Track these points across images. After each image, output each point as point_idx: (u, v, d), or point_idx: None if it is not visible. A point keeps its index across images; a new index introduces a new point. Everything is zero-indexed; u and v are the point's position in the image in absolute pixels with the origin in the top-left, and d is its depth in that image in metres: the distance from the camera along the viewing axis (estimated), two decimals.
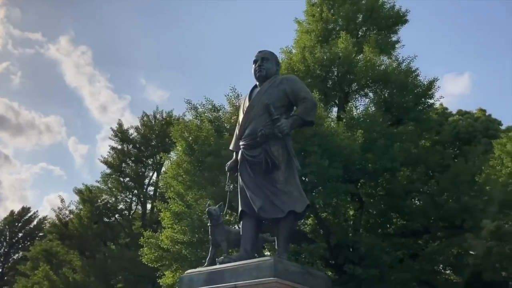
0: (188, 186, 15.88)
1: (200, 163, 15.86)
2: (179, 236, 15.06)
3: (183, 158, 16.11)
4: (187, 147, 16.02)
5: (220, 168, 15.21)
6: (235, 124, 16.40)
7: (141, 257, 16.37)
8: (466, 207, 15.85)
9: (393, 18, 21.63)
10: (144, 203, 31.43)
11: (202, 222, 14.69)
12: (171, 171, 16.58)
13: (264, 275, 5.66)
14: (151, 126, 32.66)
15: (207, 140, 15.44)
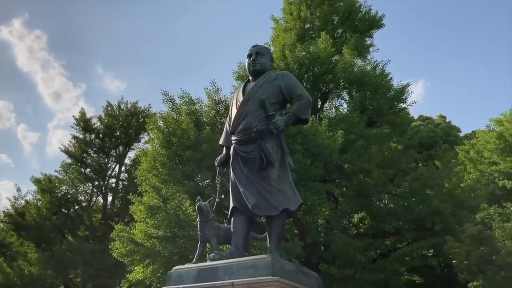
0: (164, 180, 15.52)
1: (178, 157, 15.53)
2: (153, 231, 14.68)
3: (160, 151, 15.71)
4: (164, 139, 15.64)
5: (199, 163, 14.99)
6: (215, 118, 16.34)
7: (112, 251, 15.87)
8: (437, 211, 16.29)
9: (369, 22, 21.99)
10: (106, 196, 30.57)
11: (178, 217, 14.44)
12: (145, 163, 16.14)
13: (261, 273, 5.56)
14: (115, 116, 31.79)
15: (186, 133, 15.13)
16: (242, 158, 6.36)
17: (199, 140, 14.84)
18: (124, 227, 16.24)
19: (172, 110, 16.89)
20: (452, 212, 16.48)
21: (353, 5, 21.56)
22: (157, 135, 15.98)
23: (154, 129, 16.20)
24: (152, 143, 16.28)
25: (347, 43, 19.55)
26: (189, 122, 15.26)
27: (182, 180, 15.17)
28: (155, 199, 15.03)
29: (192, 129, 15.05)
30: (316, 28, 21.53)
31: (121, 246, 15.33)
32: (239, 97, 6.70)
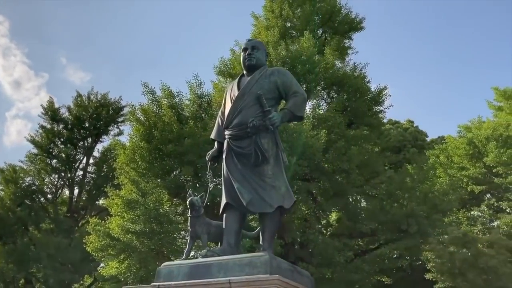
0: (143, 173, 15.15)
1: (158, 151, 15.20)
2: (130, 225, 14.32)
3: (139, 144, 15.32)
4: (145, 132, 15.27)
5: (180, 157, 14.71)
6: (197, 112, 16.07)
7: (86, 245, 15.37)
8: (412, 213, 16.56)
9: (349, 24, 22.18)
10: (72, 188, 29.70)
11: (158, 212, 14.14)
12: (123, 156, 15.72)
13: (258, 271, 5.43)
14: (85, 107, 30.95)
15: (169, 127, 14.82)
16: (236, 153, 6.22)
17: (182, 134, 14.56)
18: (99, 220, 15.73)
19: (152, 103, 16.52)
20: (426, 215, 16.81)
21: (335, 6, 21.71)
22: (136, 128, 15.57)
23: (134, 121, 15.78)
24: (131, 136, 15.85)
25: (330, 44, 19.65)
26: (172, 115, 14.94)
27: (162, 174, 14.84)
28: (133, 193, 14.64)
29: (174, 122, 14.75)
30: (297, 27, 21.55)
31: (96, 240, 14.86)
32: (233, 91, 6.56)
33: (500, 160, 21.47)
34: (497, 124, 22.56)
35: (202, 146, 14.70)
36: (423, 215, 16.68)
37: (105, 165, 29.83)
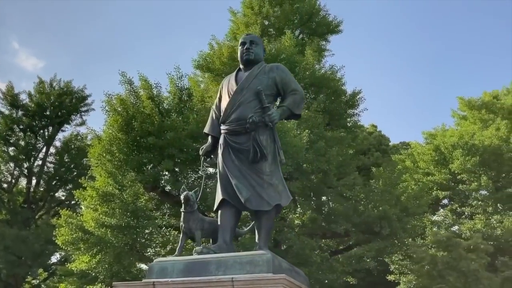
0: (119, 165, 14.66)
1: (137, 143, 14.76)
2: (106, 219, 13.81)
3: (117, 135, 14.81)
4: (123, 123, 14.77)
5: (160, 150, 14.35)
6: (178, 105, 15.69)
7: (56, 238, 14.71)
8: (385, 215, 16.86)
9: (326, 26, 22.37)
10: (30, 178, 28.43)
11: (136, 206, 13.71)
12: (99, 147, 15.15)
13: (260, 270, 5.35)
14: (47, 95, 29.71)
15: (150, 119, 14.41)
16: (233, 148, 6.13)
17: (163, 127, 14.19)
18: (71, 212, 15.08)
19: (129, 93, 16.01)
20: (398, 218, 17.15)
21: (314, 7, 21.82)
22: (114, 118, 15.03)
23: (111, 111, 15.23)
24: (107, 126, 15.27)
25: (310, 45, 19.74)
26: (153, 107, 14.53)
27: (139, 167, 14.41)
28: (110, 186, 14.12)
29: (156, 114, 14.35)
30: (276, 25, 21.53)
31: (67, 233, 14.24)
32: (231, 86, 6.47)
33: (464, 168, 22.27)
34: (463, 133, 23.38)
35: (184, 140, 14.41)
36: (395, 218, 17.02)
37: (67, 155, 28.80)
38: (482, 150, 22.31)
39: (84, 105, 30.85)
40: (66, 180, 28.47)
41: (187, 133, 14.30)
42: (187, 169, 14.77)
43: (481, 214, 21.10)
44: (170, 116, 14.51)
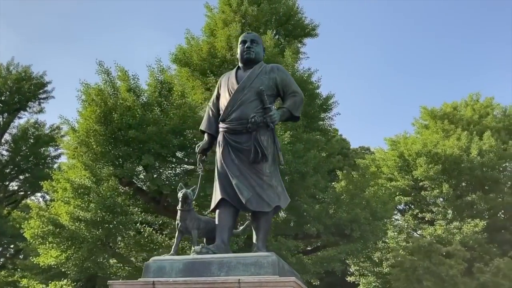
0: (95, 158, 14.14)
1: (115, 136, 14.30)
2: (81, 213, 13.30)
3: (94, 126, 14.26)
4: (102, 115, 14.25)
5: (140, 145, 13.99)
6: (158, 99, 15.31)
7: (24, 231, 14.00)
8: (356, 218, 17.19)
9: (303, 29, 22.52)
10: None
11: (114, 201, 13.28)
12: (74, 138, 14.57)
13: (265, 272, 5.28)
14: (4, 79, 28.27)
15: (130, 111, 13.99)
16: (233, 148, 6.07)
17: (145, 121, 13.82)
18: (41, 205, 14.40)
19: (106, 83, 15.46)
20: (368, 222, 17.54)
21: (293, 9, 21.89)
22: (92, 108, 14.47)
23: (89, 100, 14.65)
24: (85, 116, 14.67)
25: (289, 46, 19.80)
26: (135, 99, 14.12)
27: (118, 161, 13.97)
28: (86, 178, 13.59)
29: (138, 107, 13.94)
30: (254, 24, 21.40)
31: (37, 226, 13.58)
32: (231, 84, 6.39)
33: (427, 175, 23.10)
34: (427, 141, 24.23)
35: (165, 135, 14.10)
36: (365, 222, 17.39)
37: (23, 143, 27.50)
38: (444, 159, 23.22)
39: (43, 92, 29.58)
40: (22, 169, 27.18)
41: (170, 128, 14.00)
42: (166, 165, 14.46)
43: (441, 220, 21.95)
44: (153, 110, 14.13)
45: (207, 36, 20.36)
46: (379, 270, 22.74)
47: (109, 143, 14.19)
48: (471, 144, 23.63)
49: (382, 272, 22.63)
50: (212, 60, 18.11)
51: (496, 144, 23.57)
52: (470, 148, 23.67)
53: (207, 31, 21.44)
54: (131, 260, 14.43)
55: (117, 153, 14.03)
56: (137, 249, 14.91)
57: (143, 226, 14.11)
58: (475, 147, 23.29)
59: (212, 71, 18.48)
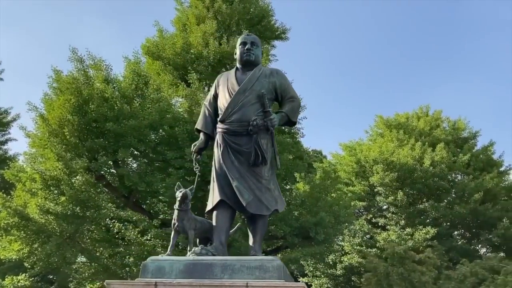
0: (67, 149, 13.54)
1: (89, 127, 13.77)
2: (52, 206, 12.70)
3: (67, 116, 13.64)
4: (77, 104, 13.65)
5: (116, 138, 13.60)
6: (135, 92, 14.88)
7: None
8: (320, 221, 17.52)
9: (273, 31, 22.62)
10: None
11: (89, 195, 12.79)
12: (44, 127, 13.86)
13: (271, 276, 5.31)
14: None
15: (109, 103, 13.52)
16: (233, 149, 6.08)
17: (123, 113, 13.40)
18: (5, 196, 13.55)
19: (78, 71, 14.82)
20: (332, 225, 17.92)
21: (265, 10, 21.93)
22: (66, 97, 13.82)
23: (63, 89, 13.99)
24: (57, 105, 13.98)
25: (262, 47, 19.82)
26: (113, 91, 13.64)
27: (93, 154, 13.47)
28: (58, 170, 12.97)
29: (118, 99, 13.49)
30: (227, 23, 21.27)
31: (3, 217, 12.81)
32: (231, 85, 6.39)
33: (383, 182, 23.94)
34: (384, 149, 25.09)
35: (143, 129, 13.76)
36: (329, 225, 17.76)
37: None
38: (398, 167, 24.15)
39: None
40: None
41: (148, 122, 13.67)
42: (142, 161, 14.09)
43: (394, 226, 22.82)
44: (132, 102, 13.72)
45: (180, 30, 19.99)
46: (332, 272, 23.34)
47: (83, 134, 13.64)
48: (425, 155, 24.72)
49: (334, 274, 23.28)
50: (186, 55, 17.84)
51: (447, 156, 24.79)
52: (423, 158, 24.76)
53: (179, 25, 21.08)
54: (97, 256, 13.94)
55: (92, 145, 13.49)
56: (105, 245, 14.44)
57: (113, 222, 13.66)
58: (428, 157, 24.39)
59: (185, 66, 18.23)
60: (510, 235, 22.14)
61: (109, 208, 13.11)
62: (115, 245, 14.28)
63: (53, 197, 12.93)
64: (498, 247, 22.12)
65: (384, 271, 14.09)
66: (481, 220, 22.83)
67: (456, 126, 29.02)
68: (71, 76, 14.33)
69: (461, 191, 24.04)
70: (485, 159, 26.81)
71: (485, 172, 25.53)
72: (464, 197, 23.65)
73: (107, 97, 13.66)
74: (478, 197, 22.74)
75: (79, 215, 13.05)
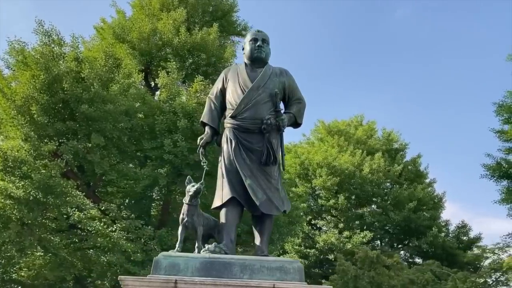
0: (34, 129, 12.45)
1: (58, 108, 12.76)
2: (14, 190, 11.60)
3: (35, 94, 12.51)
4: (46, 82, 12.56)
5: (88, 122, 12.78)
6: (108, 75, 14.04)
7: None
8: (275, 221, 17.68)
9: (236, 27, 22.42)
10: None
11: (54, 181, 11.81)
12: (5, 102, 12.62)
13: (292, 278, 5.35)
14: None
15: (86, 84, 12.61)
16: (244, 146, 6.01)
17: (100, 97, 12.57)
18: None
19: (43, 45, 13.66)
20: (285, 225, 18.14)
21: (230, 5, 21.69)
22: (32, 73, 12.66)
23: (31, 63, 12.80)
24: (20, 80, 12.76)
25: (227, 42, 19.57)
26: (91, 71, 12.72)
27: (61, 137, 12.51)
28: (24, 151, 11.85)
29: (94, 80, 12.61)
30: (191, 13, 20.70)
31: None
32: (243, 80, 6.29)
33: (325, 185, 24.67)
34: (327, 154, 25.89)
35: (119, 116, 13.01)
36: (283, 224, 17.95)
37: None
38: (340, 172, 25.03)
39: None
40: None
41: (125, 108, 12.96)
42: (111, 149, 13.27)
43: (334, 228, 23.66)
44: (110, 85, 12.88)
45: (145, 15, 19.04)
46: None
47: (51, 115, 12.59)
48: (364, 162, 25.85)
49: None
50: (157, 43, 17.15)
51: (384, 165, 26.13)
52: (362, 165, 25.88)
53: (137, 8, 20.06)
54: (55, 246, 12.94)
55: (61, 128, 12.49)
56: (62, 235, 13.48)
57: (73, 210, 12.72)
58: (368, 165, 25.54)
59: (151, 53, 17.50)
60: (437, 243, 23.81)
61: (78, 196, 12.17)
62: (75, 236, 13.41)
63: (14, 180, 11.79)
64: (426, 253, 23.71)
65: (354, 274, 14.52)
66: (413, 227, 24.31)
67: (390, 137, 30.62)
68: (39, 51, 13.14)
69: (394, 199, 25.42)
70: (414, 170, 28.59)
71: (415, 182, 27.22)
72: (399, 205, 25.04)
73: (83, 77, 12.71)
74: (412, 205, 24.20)
75: (40, 201, 12.03)
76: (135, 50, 17.16)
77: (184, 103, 13.33)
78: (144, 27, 17.36)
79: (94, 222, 12.58)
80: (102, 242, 12.51)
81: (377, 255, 15.27)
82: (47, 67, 12.75)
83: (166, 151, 12.71)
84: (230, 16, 22.03)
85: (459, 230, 26.22)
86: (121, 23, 17.63)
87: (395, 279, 14.73)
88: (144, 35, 17.21)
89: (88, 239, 13.12)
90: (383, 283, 14.49)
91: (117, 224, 12.94)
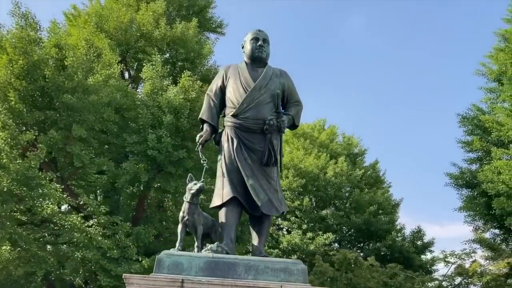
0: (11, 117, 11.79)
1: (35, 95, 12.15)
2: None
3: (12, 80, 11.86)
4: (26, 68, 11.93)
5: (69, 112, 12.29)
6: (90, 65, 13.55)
7: None
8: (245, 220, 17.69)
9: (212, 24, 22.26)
10: None
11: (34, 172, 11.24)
12: None
13: (296, 279, 5.40)
14: None
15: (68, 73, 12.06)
16: (245, 146, 5.99)
17: (84, 86, 12.08)
18: None
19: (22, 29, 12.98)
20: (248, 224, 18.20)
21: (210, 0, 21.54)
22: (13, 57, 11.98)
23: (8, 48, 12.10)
24: None
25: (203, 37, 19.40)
26: (75, 59, 12.18)
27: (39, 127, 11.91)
28: (0, 139, 11.16)
29: (78, 68, 12.08)
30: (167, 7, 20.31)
31: None
32: (244, 79, 6.30)
33: (290, 186, 24.85)
34: (294, 156, 26.09)
35: (101, 108, 12.54)
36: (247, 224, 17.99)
37: None
38: (305, 174, 25.29)
39: None
40: None
41: (108, 100, 12.51)
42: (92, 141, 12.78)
43: (297, 229, 23.87)
44: (94, 75, 12.37)
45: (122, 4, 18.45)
46: None
47: (31, 103, 11.96)
48: (328, 165, 26.25)
49: None
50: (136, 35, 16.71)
51: (347, 169, 26.65)
52: (326, 168, 26.26)
53: None
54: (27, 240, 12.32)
55: (40, 117, 11.89)
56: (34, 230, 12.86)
57: (46, 204, 12.15)
58: (331, 168, 25.97)
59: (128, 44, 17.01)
60: (395, 246, 24.54)
61: (55, 188, 11.61)
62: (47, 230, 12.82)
63: None
64: (384, 257, 24.38)
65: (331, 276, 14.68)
66: (373, 230, 24.93)
67: (350, 142, 31.23)
68: (17, 35, 12.44)
69: (355, 202, 25.97)
70: (374, 175, 29.31)
71: (375, 187, 27.92)
72: (359, 209, 25.59)
73: (66, 65, 12.15)
74: (373, 209, 24.82)
75: (14, 193, 11.42)
76: (112, 40, 16.62)
77: (170, 98, 13.01)
78: (122, 17, 16.85)
79: (70, 217, 12.09)
80: (79, 238, 12.04)
81: (356, 257, 15.56)
82: (25, 52, 12.11)
83: (150, 147, 12.36)
84: (206, 12, 21.84)
85: (414, 234, 27.11)
86: (98, 12, 17.02)
87: (371, 281, 15.07)
88: (121, 25, 16.70)
89: (63, 234, 12.57)
90: (359, 285, 14.80)
91: (93, 220, 12.49)
